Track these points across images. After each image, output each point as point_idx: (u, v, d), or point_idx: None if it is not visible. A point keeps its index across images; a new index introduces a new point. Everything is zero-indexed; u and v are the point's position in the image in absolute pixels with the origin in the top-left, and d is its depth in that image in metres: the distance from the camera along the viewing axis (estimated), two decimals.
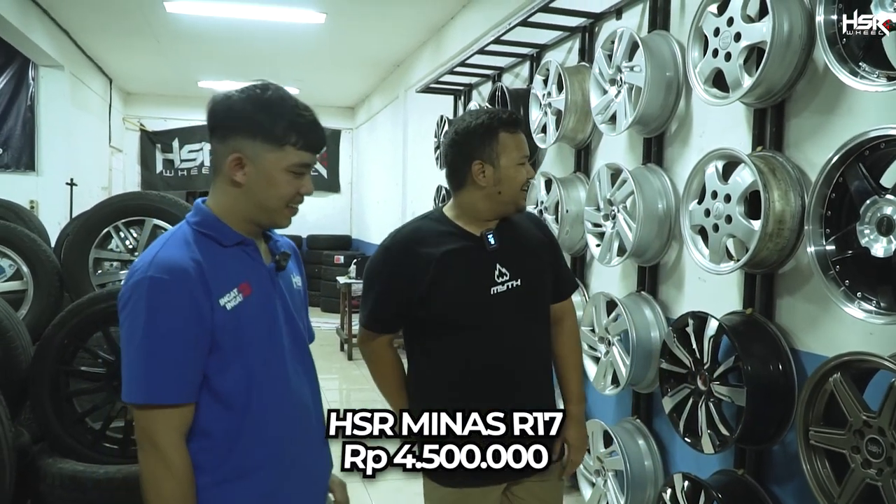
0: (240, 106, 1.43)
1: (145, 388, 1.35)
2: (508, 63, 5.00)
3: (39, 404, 2.71)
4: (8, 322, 2.73)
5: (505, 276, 1.91)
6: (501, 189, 1.91)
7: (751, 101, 2.58)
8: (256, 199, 1.45)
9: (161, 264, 1.36)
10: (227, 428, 1.43)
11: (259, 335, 1.46)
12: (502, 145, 1.89)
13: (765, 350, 2.46)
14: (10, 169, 7.72)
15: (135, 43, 7.85)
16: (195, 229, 1.46)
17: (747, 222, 2.41)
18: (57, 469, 2.59)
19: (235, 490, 1.44)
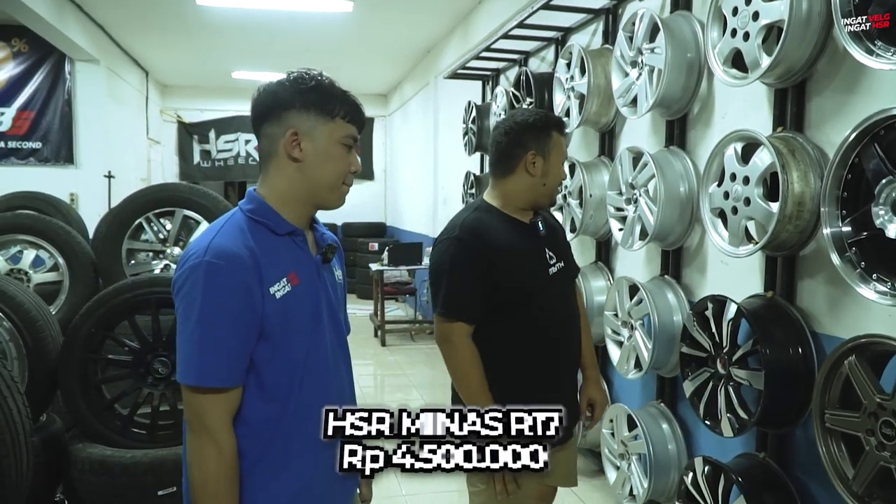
0: (290, 88, 1.48)
1: (198, 371, 1.38)
2: (535, 47, 4.98)
3: (69, 392, 2.81)
4: (37, 313, 2.83)
5: (553, 258, 2.16)
6: (546, 181, 2.12)
7: (771, 81, 2.55)
8: (315, 175, 1.49)
9: (217, 250, 1.39)
10: (268, 418, 1.46)
11: (304, 326, 1.48)
12: (554, 143, 2.12)
13: (784, 333, 2.44)
14: (49, 163, 7.94)
15: (168, 36, 7.98)
16: (249, 216, 1.48)
17: (766, 204, 2.38)
18: (86, 454, 2.69)
19: (274, 478, 1.47)
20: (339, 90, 1.50)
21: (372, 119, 11.86)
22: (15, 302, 2.81)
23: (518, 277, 2.07)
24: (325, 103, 1.47)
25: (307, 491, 1.50)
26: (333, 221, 11.53)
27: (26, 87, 7.89)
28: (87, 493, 2.67)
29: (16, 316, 2.79)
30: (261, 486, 1.46)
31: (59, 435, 2.87)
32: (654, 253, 3.42)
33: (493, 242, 2.04)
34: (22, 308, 2.81)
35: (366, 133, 11.85)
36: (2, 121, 7.88)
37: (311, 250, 1.56)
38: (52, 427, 2.90)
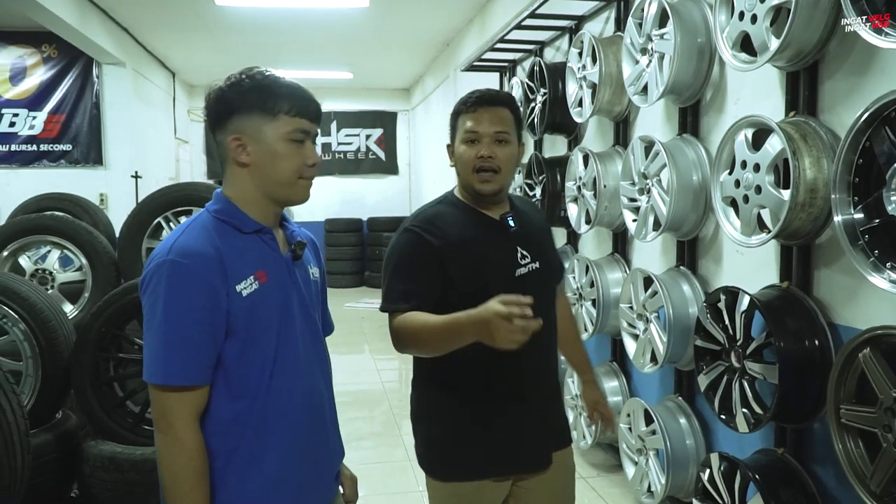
0: (230, 92, 1.46)
1: (163, 370, 1.37)
2: (549, 37, 4.90)
3: (81, 390, 2.85)
4: (50, 313, 2.88)
5: (526, 258, 1.88)
6: (459, 170, 1.89)
7: (782, 64, 2.46)
8: (267, 176, 1.47)
9: (181, 248, 1.40)
10: (237, 416, 1.46)
11: (272, 323, 1.48)
12: (459, 126, 1.88)
13: (800, 325, 2.36)
14: (79, 164, 8.07)
15: (191, 37, 8.05)
16: (215, 217, 1.48)
17: (777, 192, 2.31)
18: (97, 451, 2.73)
19: (246, 475, 1.47)
20: (282, 85, 1.47)
21: (395, 114, 11.85)
22: (28, 303, 2.86)
23: (474, 277, 1.80)
24: (264, 102, 1.45)
25: (279, 488, 1.49)
26: (359, 217, 11.58)
27: (56, 91, 8.03)
28: (99, 489, 2.72)
29: (29, 316, 2.84)
30: (234, 483, 1.46)
31: (74, 432, 2.92)
32: (669, 244, 3.35)
33: (447, 236, 1.82)
34: (35, 308, 2.86)
35: (389, 128, 11.88)
36: (34, 124, 8.03)
37: (282, 248, 1.55)
38: (67, 424, 2.94)
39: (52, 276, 4.25)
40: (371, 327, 8.14)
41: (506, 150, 1.84)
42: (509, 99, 1.90)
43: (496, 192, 1.85)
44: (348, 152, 11.83)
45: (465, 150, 1.84)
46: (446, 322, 1.61)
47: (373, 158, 11.91)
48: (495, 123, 1.83)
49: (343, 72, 10.11)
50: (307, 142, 1.50)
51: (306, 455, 1.55)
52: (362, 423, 5.07)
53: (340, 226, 11.38)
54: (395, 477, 4.01)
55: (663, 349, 3.03)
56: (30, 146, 8.02)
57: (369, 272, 11.33)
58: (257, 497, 1.48)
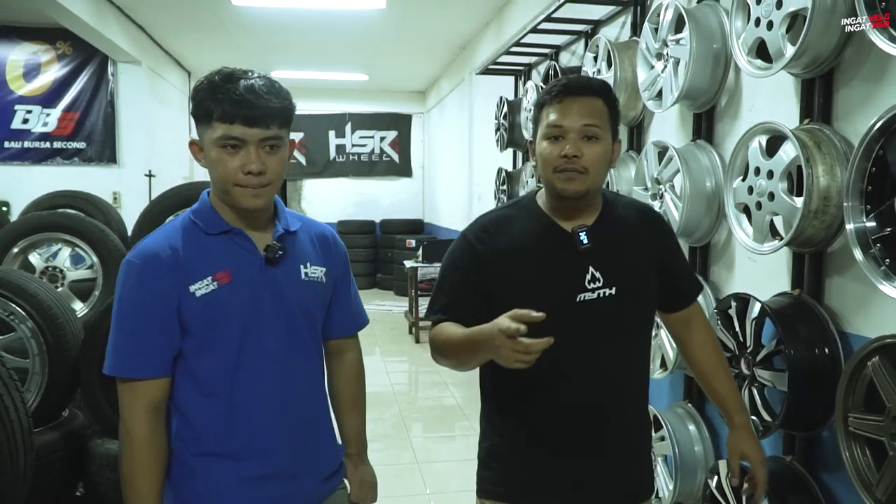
0: (193, 98, 1.49)
1: (112, 361, 1.47)
2: (565, 41, 4.91)
3: (89, 388, 2.86)
4: (58, 310, 2.88)
5: (597, 281, 1.59)
6: (540, 170, 1.64)
7: (797, 71, 2.46)
8: (213, 181, 1.51)
9: (139, 249, 1.48)
10: (207, 414, 1.51)
11: (233, 322, 1.49)
12: (542, 118, 1.62)
13: (810, 333, 2.35)
14: (93, 162, 8.14)
15: (208, 37, 8.11)
16: (191, 217, 1.53)
17: (790, 199, 2.30)
18: (104, 449, 2.74)
19: (220, 467, 1.52)
20: (224, 88, 1.43)
21: (409, 116, 11.89)
22: (36, 300, 2.86)
23: (518, 296, 1.49)
24: (200, 111, 1.45)
25: (257, 483, 1.53)
26: (372, 219, 11.61)
27: (71, 89, 8.10)
28: (106, 488, 2.72)
29: (37, 314, 2.84)
30: (206, 476, 1.51)
31: (81, 430, 2.93)
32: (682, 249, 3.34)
33: (496, 244, 1.62)
34: (42, 306, 2.87)
35: (403, 130, 11.91)
36: (48, 122, 8.11)
37: (262, 248, 1.55)
38: (74, 423, 2.95)
39: (63, 274, 4.27)
40: (382, 329, 8.17)
41: (595, 149, 1.57)
42: (603, 87, 1.63)
43: (581, 193, 1.59)
44: (362, 154, 11.86)
45: (548, 146, 1.59)
46: (464, 336, 1.50)
47: (387, 160, 11.94)
48: (584, 116, 1.56)
49: (358, 73, 10.15)
50: (247, 148, 1.44)
51: (282, 455, 1.56)
52: (372, 425, 5.02)
53: (353, 227, 11.42)
54: (404, 479, 4.02)
55: (673, 355, 3.02)
56: (43, 143, 8.10)
57: (381, 274, 11.36)
58: (229, 493, 1.52)
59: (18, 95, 8.03)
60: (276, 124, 1.46)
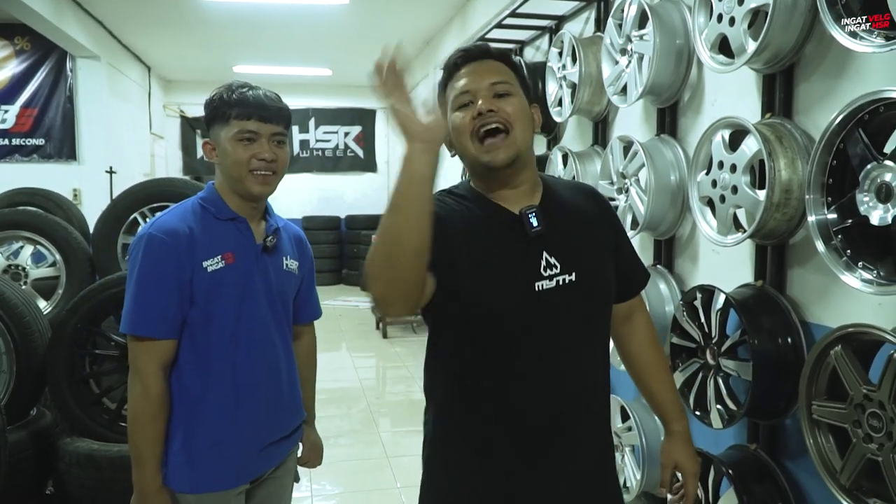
0: (209, 105, 1.78)
1: (132, 321, 1.64)
2: (529, 36, 4.93)
3: (56, 387, 2.82)
4: (24, 308, 2.83)
5: (554, 268, 1.42)
6: (458, 148, 1.45)
7: (758, 66, 2.50)
8: (226, 172, 1.76)
9: (160, 225, 1.68)
10: (202, 380, 1.70)
11: (233, 297, 1.72)
12: (448, 96, 1.46)
13: (773, 323, 2.40)
14: (52, 159, 7.95)
15: (169, 31, 7.97)
16: (200, 203, 1.77)
17: (753, 192, 2.35)
18: (73, 448, 2.70)
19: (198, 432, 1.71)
20: (241, 95, 1.74)
21: (374, 111, 11.83)
22: (2, 298, 2.81)
23: (474, 286, 1.39)
24: (220, 114, 1.74)
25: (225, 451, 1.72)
26: (337, 214, 11.54)
27: (29, 85, 7.90)
28: (74, 486, 2.69)
29: (3, 312, 2.80)
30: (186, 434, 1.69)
31: (49, 429, 2.88)
32: (647, 242, 3.39)
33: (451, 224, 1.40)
34: (9, 304, 2.82)
35: (368, 125, 11.85)
36: (5, 118, 7.90)
37: (257, 238, 1.81)
38: (42, 421, 2.90)
39: (26, 272, 4.19)
40: (349, 325, 8.14)
41: (511, 102, 1.40)
42: (503, 53, 1.50)
43: (511, 159, 1.39)
44: (326, 149, 11.77)
45: (460, 115, 1.41)
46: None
47: (351, 156, 11.87)
48: (490, 75, 1.42)
49: (322, 68, 10.07)
50: (259, 140, 1.73)
51: (256, 425, 1.78)
52: (340, 420, 5.06)
53: (318, 223, 11.33)
54: (374, 473, 4.02)
55: None
56: (1, 140, 7.89)
57: (347, 270, 11.29)
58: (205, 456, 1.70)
59: None
60: (283, 124, 1.78)
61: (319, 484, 3.89)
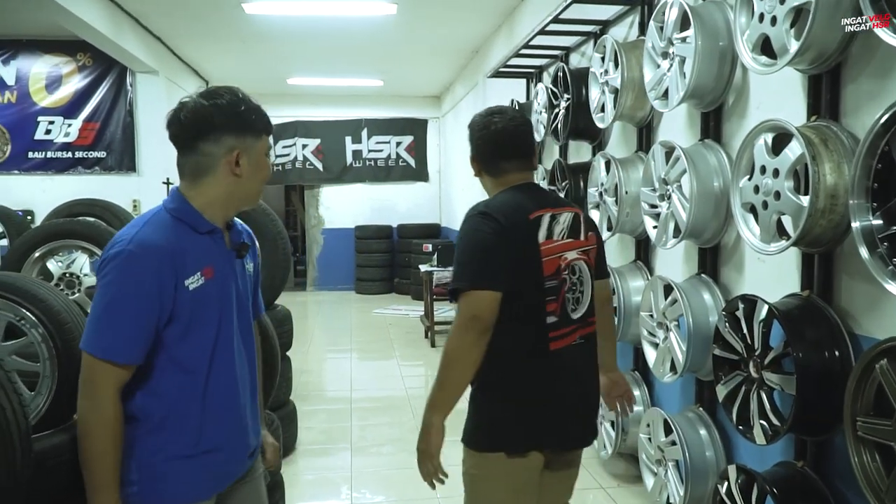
0: (226, 111, 1.61)
1: (98, 343, 1.53)
2: (574, 42, 4.88)
3: None
4: (67, 315, 2.88)
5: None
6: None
7: (803, 66, 2.40)
8: (249, 185, 1.67)
9: (141, 241, 1.54)
10: (178, 385, 1.61)
11: (214, 312, 1.64)
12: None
13: (819, 335, 2.29)
14: (113, 171, 8.23)
15: (223, 45, 8.16)
16: (172, 215, 1.63)
17: (796, 198, 2.25)
18: None
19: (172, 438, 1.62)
20: (256, 106, 1.66)
21: (425, 121, 11.87)
22: (46, 305, 2.87)
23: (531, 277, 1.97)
24: (256, 125, 1.65)
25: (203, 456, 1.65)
26: (389, 223, 11.60)
27: (91, 99, 8.21)
28: None
29: (47, 319, 2.85)
30: (156, 447, 1.60)
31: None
32: (691, 251, 3.29)
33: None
34: (52, 311, 2.87)
35: (420, 135, 11.89)
36: (69, 132, 8.22)
37: (228, 246, 1.73)
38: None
39: (80, 280, 4.32)
40: (398, 334, 8.15)
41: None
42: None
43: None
44: (379, 159, 11.86)
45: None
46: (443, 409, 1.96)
47: (403, 165, 11.93)
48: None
49: (373, 79, 10.16)
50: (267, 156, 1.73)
51: (228, 431, 1.71)
52: (387, 429, 5.06)
53: (370, 232, 11.42)
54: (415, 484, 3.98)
55: (682, 358, 2.97)
56: (65, 153, 8.21)
57: (398, 279, 11.34)
58: (178, 468, 1.62)
59: (41, 107, 8.15)
60: None
61: (360, 492, 3.89)
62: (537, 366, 1.92)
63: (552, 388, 1.94)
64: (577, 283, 2.00)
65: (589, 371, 2.06)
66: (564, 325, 1.95)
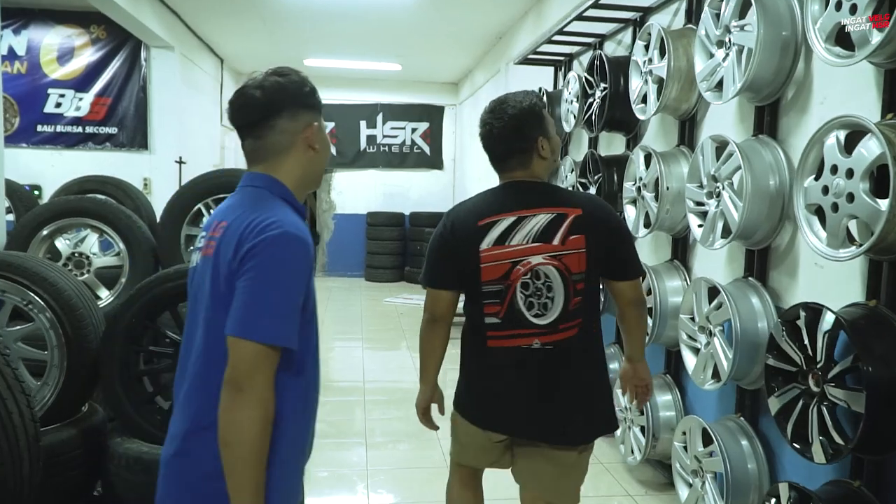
0: (300, 87, 1.62)
1: (273, 330, 1.41)
2: (610, 29, 4.69)
3: (109, 383, 2.70)
4: (78, 300, 2.73)
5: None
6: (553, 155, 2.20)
7: (881, 60, 2.23)
8: (321, 161, 1.66)
9: (295, 225, 1.50)
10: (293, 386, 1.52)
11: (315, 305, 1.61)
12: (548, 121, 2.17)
13: (889, 349, 2.13)
14: (125, 148, 8.04)
15: (241, 23, 7.97)
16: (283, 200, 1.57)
17: (873, 201, 2.08)
18: (123, 449, 2.57)
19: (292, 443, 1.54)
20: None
21: (442, 108, 11.68)
22: (56, 289, 2.71)
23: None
24: (319, 102, 1.66)
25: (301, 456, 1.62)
26: (401, 211, 11.43)
27: (104, 74, 7.99)
28: (123, 488, 2.57)
29: (56, 303, 2.69)
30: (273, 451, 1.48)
31: (100, 427, 2.78)
32: (736, 252, 3.13)
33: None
34: (62, 295, 2.72)
35: (436, 122, 11.71)
36: (80, 106, 8.01)
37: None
38: (94, 419, 2.80)
39: (89, 261, 4.17)
40: (409, 323, 7.99)
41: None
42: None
43: None
44: (393, 145, 11.68)
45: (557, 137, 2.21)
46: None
47: (418, 152, 11.74)
48: None
49: (392, 63, 9.96)
50: None
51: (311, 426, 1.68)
52: (399, 423, 4.91)
53: (382, 219, 11.25)
54: (432, 484, 3.84)
55: (728, 366, 2.81)
56: (75, 128, 8.01)
57: (409, 267, 11.17)
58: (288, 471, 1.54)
59: (52, 79, 7.94)
60: None
61: (377, 492, 3.75)
62: (479, 358, 2.16)
63: (493, 381, 2.14)
64: (542, 289, 2.04)
65: (554, 376, 2.08)
66: (512, 328, 2.07)
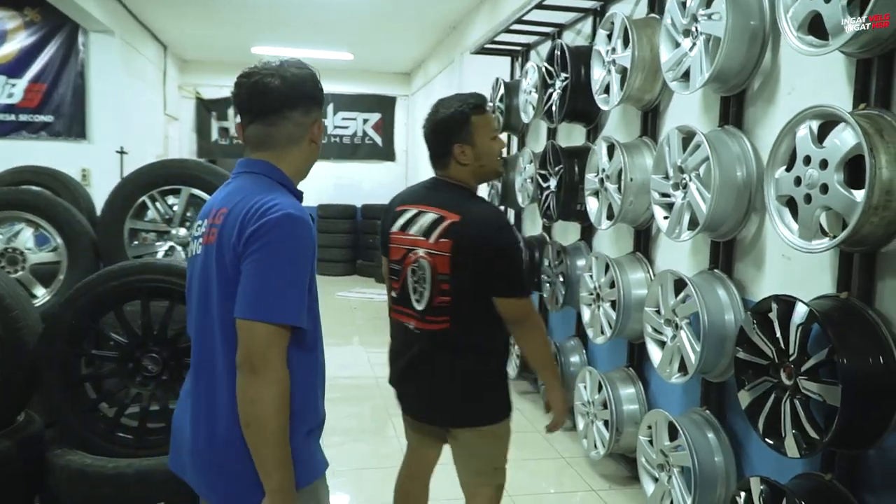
0: (313, 84, 1.65)
1: (283, 309, 1.45)
2: (570, 19, 4.64)
3: (47, 389, 2.48)
4: (11, 300, 2.51)
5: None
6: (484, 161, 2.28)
7: (853, 49, 2.20)
8: (316, 155, 1.72)
9: (297, 207, 1.54)
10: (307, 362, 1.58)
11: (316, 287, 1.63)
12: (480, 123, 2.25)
13: (863, 341, 2.11)
14: (62, 137, 7.68)
15: (187, 8, 7.70)
16: (282, 185, 1.61)
17: (847, 192, 2.05)
18: (64, 462, 2.36)
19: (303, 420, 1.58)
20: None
21: (394, 98, 11.53)
22: None
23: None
24: (323, 100, 1.71)
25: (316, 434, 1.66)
26: (353, 203, 11.26)
27: (38, 59, 7.62)
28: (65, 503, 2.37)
29: None
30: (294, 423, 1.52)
31: (38, 437, 2.56)
32: (701, 244, 3.10)
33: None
34: None
35: (388, 113, 11.56)
36: (13, 93, 7.63)
37: None
38: (30, 428, 2.58)
39: (24, 256, 3.90)
40: (364, 318, 7.86)
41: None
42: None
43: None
44: (344, 136, 11.49)
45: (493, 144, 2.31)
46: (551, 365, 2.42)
47: (369, 144, 11.58)
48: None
49: (343, 52, 9.77)
50: None
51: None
52: (351, 419, 4.80)
53: (334, 212, 11.05)
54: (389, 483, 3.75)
55: (695, 359, 2.77)
56: (8, 116, 7.61)
57: (362, 261, 11.01)
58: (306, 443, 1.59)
59: None
60: None
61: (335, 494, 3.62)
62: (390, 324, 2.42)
63: (392, 343, 2.40)
64: (419, 281, 2.22)
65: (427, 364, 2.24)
66: (402, 305, 2.29)
